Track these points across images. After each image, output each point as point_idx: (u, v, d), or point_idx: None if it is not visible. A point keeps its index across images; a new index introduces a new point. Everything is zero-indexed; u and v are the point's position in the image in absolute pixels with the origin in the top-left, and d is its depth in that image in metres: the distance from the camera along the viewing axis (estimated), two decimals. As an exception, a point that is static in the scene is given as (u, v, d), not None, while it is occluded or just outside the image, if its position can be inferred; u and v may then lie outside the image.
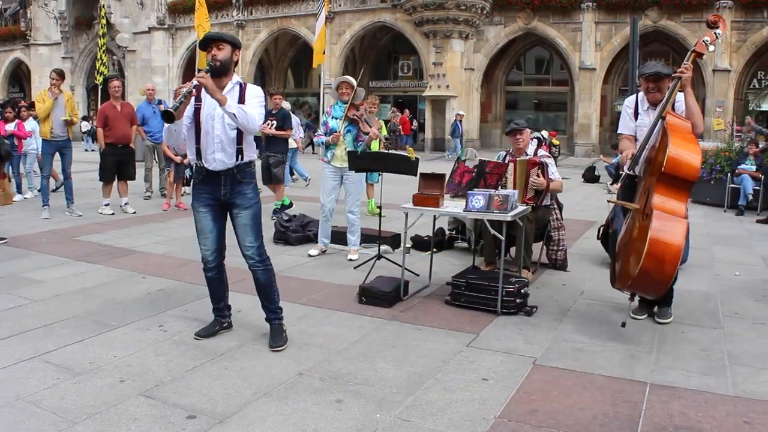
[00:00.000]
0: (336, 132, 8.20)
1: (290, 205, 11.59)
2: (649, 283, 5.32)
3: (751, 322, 6.05)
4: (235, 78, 5.13)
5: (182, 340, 5.24)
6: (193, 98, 4.92)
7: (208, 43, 4.99)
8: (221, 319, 5.47)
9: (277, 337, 5.17)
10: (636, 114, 6.12)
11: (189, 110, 5.00)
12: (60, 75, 11.00)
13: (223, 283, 5.48)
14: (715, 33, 5.79)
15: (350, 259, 8.17)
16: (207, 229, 5.25)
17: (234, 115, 4.81)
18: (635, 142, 5.99)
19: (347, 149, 8.19)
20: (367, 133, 8.32)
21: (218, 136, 4.99)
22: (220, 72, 4.96)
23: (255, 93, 5.13)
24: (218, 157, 5.02)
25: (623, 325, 5.58)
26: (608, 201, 6.39)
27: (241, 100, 5.02)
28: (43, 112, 10.71)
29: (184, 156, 11.93)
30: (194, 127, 5.06)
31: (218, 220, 5.26)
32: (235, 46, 5.10)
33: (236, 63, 5.16)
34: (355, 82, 8.29)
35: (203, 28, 20.86)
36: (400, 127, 31.38)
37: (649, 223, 5.20)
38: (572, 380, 4.60)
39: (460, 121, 29.73)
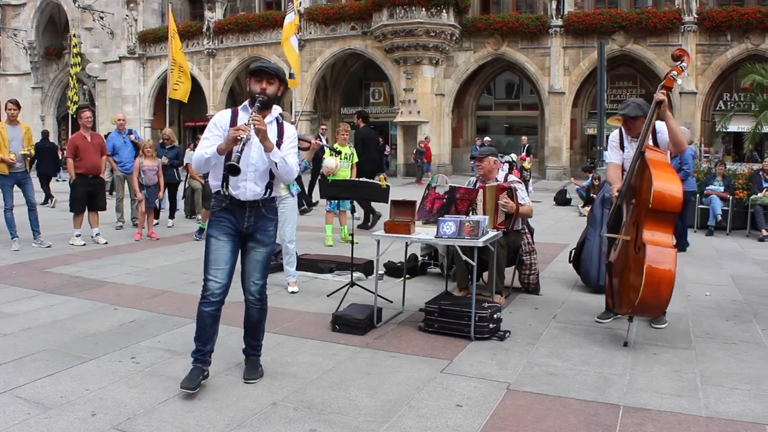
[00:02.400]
0: None
1: None
2: (648, 308, 5.93)
3: (722, 342, 6.12)
4: (275, 112, 5.00)
5: (155, 371, 5.20)
6: (230, 119, 4.88)
7: (262, 74, 4.84)
8: (203, 366, 4.89)
9: (252, 370, 5.11)
10: (622, 146, 6.61)
11: (217, 139, 4.83)
12: (16, 105, 10.87)
13: (217, 324, 4.99)
14: (680, 66, 6.12)
15: (292, 292, 7.92)
16: (222, 260, 4.87)
17: (276, 163, 4.76)
18: (623, 171, 6.45)
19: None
20: (306, 149, 8.15)
21: (253, 165, 4.81)
22: (265, 107, 4.84)
23: (290, 135, 5.02)
24: (249, 187, 4.83)
25: (625, 344, 5.94)
26: (601, 234, 6.98)
27: (281, 136, 4.94)
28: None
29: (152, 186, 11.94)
30: (227, 153, 4.77)
31: (234, 252, 4.95)
32: (283, 82, 4.97)
33: (280, 98, 5.08)
34: (283, 111, 8.07)
35: (176, 61, 20.78)
36: (425, 152, 31.01)
37: (644, 257, 5.69)
38: (546, 404, 4.62)
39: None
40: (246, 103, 4.97)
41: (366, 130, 14.41)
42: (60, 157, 21.74)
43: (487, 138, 30.93)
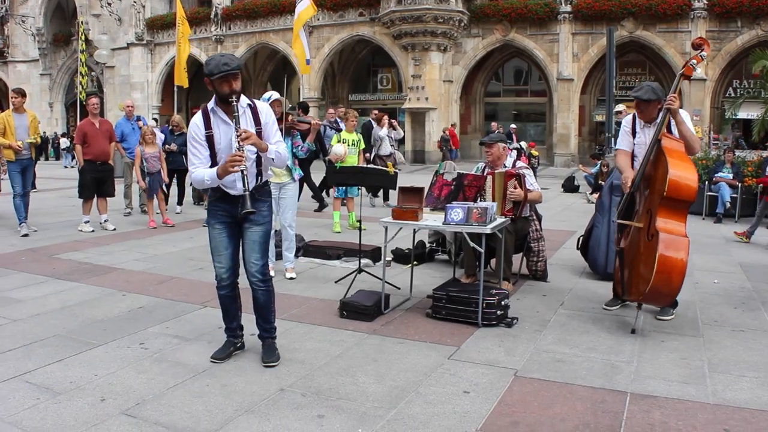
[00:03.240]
0: None
1: None
2: (659, 296, 5.88)
3: (730, 330, 6.11)
4: (244, 101, 4.99)
5: (163, 357, 5.23)
6: (203, 126, 4.92)
7: (227, 76, 4.76)
8: (234, 339, 5.34)
9: (269, 353, 5.16)
10: (633, 132, 6.45)
11: (204, 151, 4.95)
12: (20, 94, 11.09)
13: (236, 303, 5.31)
14: (700, 55, 6.10)
15: (290, 278, 7.85)
16: (222, 246, 5.12)
17: (272, 159, 4.95)
18: (632, 158, 6.39)
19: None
20: (307, 131, 8.12)
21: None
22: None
23: (267, 120, 5.05)
24: (239, 186, 4.86)
25: (633, 331, 5.94)
26: (613, 220, 6.89)
27: (257, 122, 4.99)
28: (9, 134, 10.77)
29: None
30: (211, 156, 4.94)
31: (233, 238, 5.13)
32: (240, 70, 4.94)
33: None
34: (281, 96, 7.70)
35: (184, 46, 20.78)
36: (450, 139, 30.82)
37: (656, 244, 5.69)
38: (553, 391, 4.63)
39: (511, 134, 28.79)
40: (212, 104, 4.97)
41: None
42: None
43: (494, 123, 30.78)
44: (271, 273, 7.45)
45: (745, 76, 30.20)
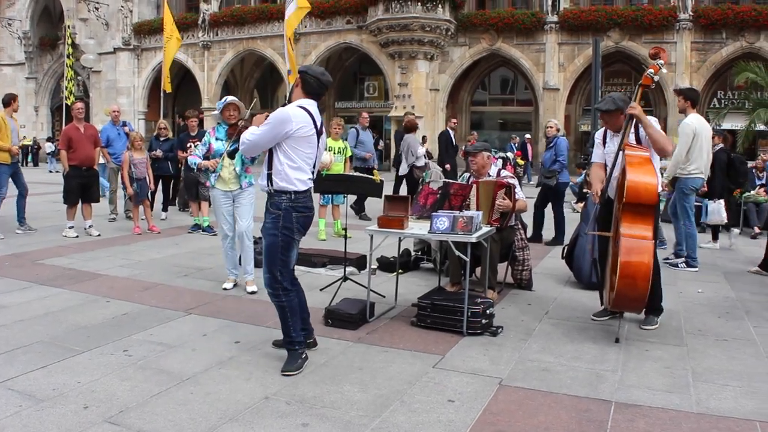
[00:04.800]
0: (221, 154, 7.53)
1: (208, 228, 11.85)
2: (627, 301, 5.86)
3: (714, 339, 6.14)
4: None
5: (147, 364, 5.20)
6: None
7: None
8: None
9: (290, 362, 5.14)
10: (604, 143, 6.63)
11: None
12: (16, 98, 11.45)
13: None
14: (657, 64, 6.19)
15: (250, 292, 7.51)
16: None
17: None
18: (605, 168, 6.53)
19: (236, 168, 7.59)
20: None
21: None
22: None
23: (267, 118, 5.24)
24: (260, 182, 5.27)
25: (617, 340, 5.95)
26: (586, 233, 6.98)
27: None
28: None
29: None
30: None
31: None
32: None
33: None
34: (241, 104, 7.64)
35: (172, 41, 20.71)
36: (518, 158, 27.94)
37: (619, 249, 5.71)
38: (538, 400, 4.64)
39: (526, 144, 28.63)
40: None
41: None
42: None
43: (474, 132, 30.76)
44: (227, 285, 7.47)
45: (729, 87, 30.45)
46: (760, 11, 27.87)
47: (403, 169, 14.18)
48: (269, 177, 5.10)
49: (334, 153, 11.28)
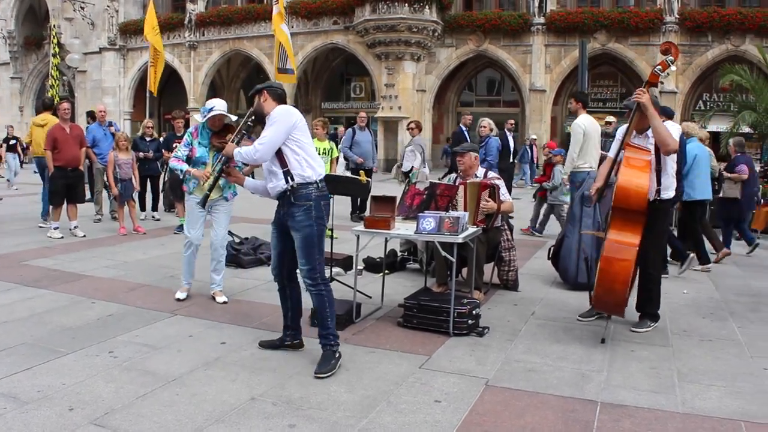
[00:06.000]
0: (205, 164, 7.05)
1: None
2: (606, 305, 5.93)
3: (699, 339, 6.18)
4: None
5: (133, 366, 5.18)
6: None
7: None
8: (283, 336, 5.67)
9: (322, 363, 5.14)
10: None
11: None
12: None
13: (287, 302, 5.64)
14: (667, 60, 6.05)
15: (223, 302, 7.14)
16: (273, 246, 5.62)
17: (240, 162, 5.58)
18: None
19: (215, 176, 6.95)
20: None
21: (265, 166, 5.33)
22: (261, 121, 5.39)
23: (268, 121, 5.30)
24: (271, 185, 5.32)
25: (603, 341, 5.95)
26: (581, 232, 6.95)
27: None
28: None
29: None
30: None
31: (281, 241, 5.48)
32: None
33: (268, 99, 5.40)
34: (229, 116, 7.22)
35: (153, 40, 20.55)
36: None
37: (602, 253, 5.77)
38: (524, 401, 4.65)
39: (531, 145, 28.20)
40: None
41: None
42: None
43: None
44: (181, 295, 7.21)
45: (715, 90, 30.62)
46: (745, 14, 28.08)
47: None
48: (287, 175, 5.17)
49: (320, 153, 11.27)
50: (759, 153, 22.87)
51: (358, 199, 13.62)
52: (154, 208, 14.13)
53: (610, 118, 15.87)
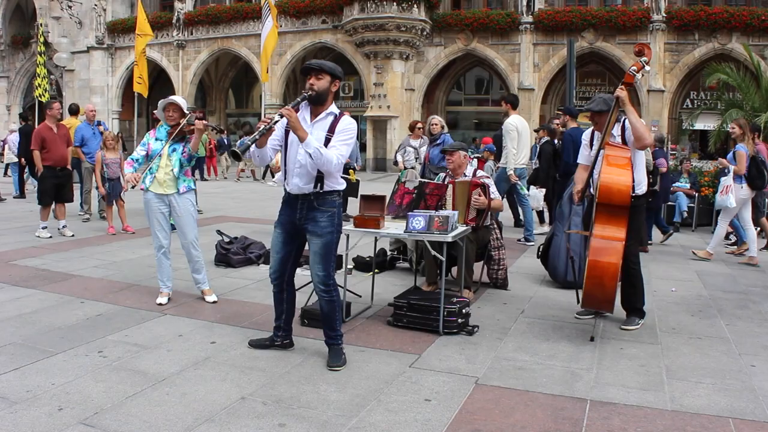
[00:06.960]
0: (161, 156, 6.95)
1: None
2: (595, 301, 5.94)
3: (687, 337, 6.20)
4: (331, 108, 5.15)
5: (122, 366, 5.16)
6: (284, 120, 4.90)
7: (309, 71, 5.04)
8: (274, 336, 5.63)
9: (334, 358, 5.24)
10: (591, 144, 6.59)
11: (279, 132, 5.17)
12: None
13: (283, 305, 5.57)
14: (641, 61, 6.14)
15: (213, 302, 7.11)
16: (275, 249, 5.43)
17: (310, 154, 4.89)
18: (591, 170, 6.47)
19: (173, 169, 7.00)
20: (191, 132, 7.04)
21: (299, 161, 5.06)
22: (316, 102, 5.05)
23: (343, 128, 5.10)
24: (295, 182, 5.12)
25: (592, 339, 6.00)
26: (566, 231, 7.00)
27: (332, 130, 5.06)
28: None
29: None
30: (284, 150, 5.22)
31: (287, 244, 5.39)
32: (335, 76, 5.09)
33: (334, 93, 5.18)
34: (184, 105, 7.13)
35: (144, 37, 20.51)
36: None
37: (589, 250, 5.79)
38: (514, 399, 4.66)
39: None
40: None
41: None
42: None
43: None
44: (162, 300, 7.09)
45: (702, 88, 30.73)
46: (732, 13, 28.20)
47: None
48: (319, 180, 5.07)
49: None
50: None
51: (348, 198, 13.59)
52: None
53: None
